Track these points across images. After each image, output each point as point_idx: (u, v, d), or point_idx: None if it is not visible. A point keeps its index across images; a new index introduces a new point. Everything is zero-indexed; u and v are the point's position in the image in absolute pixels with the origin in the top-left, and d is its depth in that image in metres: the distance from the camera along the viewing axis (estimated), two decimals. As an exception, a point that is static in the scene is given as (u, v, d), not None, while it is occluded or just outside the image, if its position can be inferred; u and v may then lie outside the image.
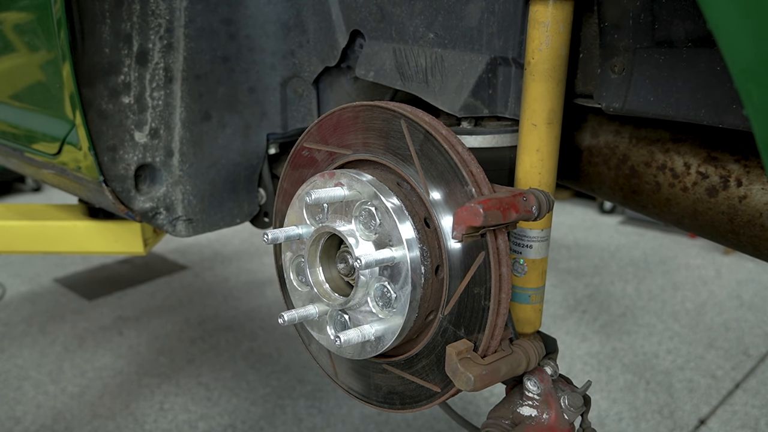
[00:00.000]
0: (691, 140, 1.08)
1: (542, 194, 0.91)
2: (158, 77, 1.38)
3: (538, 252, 1.08)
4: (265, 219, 1.62)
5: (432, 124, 0.93)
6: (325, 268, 1.05)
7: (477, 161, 0.91)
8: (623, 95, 1.01)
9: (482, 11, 1.09)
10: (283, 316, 1.02)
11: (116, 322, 3.93)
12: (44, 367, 3.41)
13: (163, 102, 1.40)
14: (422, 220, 0.93)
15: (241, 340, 3.72)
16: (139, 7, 1.32)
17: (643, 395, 3.15)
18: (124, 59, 1.36)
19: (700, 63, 0.91)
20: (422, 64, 1.20)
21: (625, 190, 1.19)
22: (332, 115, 1.05)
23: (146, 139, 1.41)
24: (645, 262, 4.86)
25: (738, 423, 2.95)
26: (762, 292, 4.29)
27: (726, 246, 1.17)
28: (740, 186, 1.02)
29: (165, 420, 2.98)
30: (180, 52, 1.36)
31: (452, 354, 0.87)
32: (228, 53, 1.42)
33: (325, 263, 1.05)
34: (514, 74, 1.11)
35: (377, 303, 0.96)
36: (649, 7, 0.94)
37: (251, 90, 1.48)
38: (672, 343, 3.64)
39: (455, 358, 0.86)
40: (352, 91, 1.44)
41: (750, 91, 0.56)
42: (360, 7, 1.27)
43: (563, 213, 6.05)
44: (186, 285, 4.52)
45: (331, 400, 3.12)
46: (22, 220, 2.05)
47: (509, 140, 1.15)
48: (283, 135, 1.54)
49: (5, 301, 4.20)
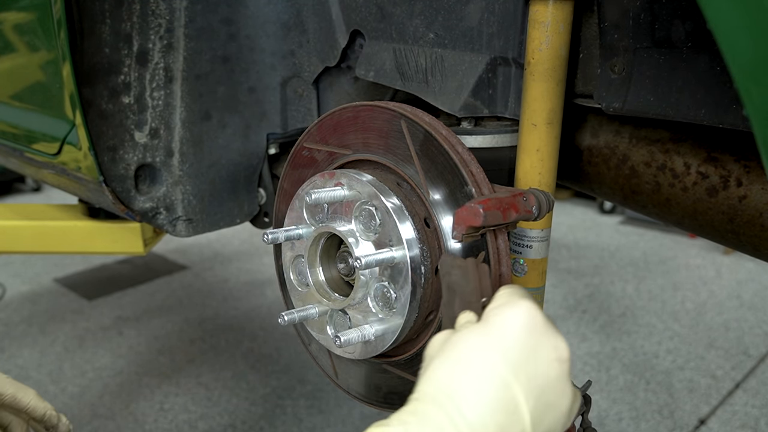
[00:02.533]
0: (691, 140, 1.08)
1: (542, 194, 0.91)
2: (158, 77, 1.38)
3: (538, 252, 1.08)
4: (265, 219, 1.62)
5: (432, 124, 0.93)
6: (325, 268, 1.05)
7: (477, 161, 0.91)
8: (623, 95, 1.01)
9: (482, 11, 1.08)
10: (283, 317, 1.02)
11: (116, 322, 3.93)
12: (44, 367, 3.41)
13: (163, 102, 1.40)
14: (422, 220, 0.93)
15: (241, 340, 3.72)
16: (139, 7, 1.32)
17: (643, 395, 3.15)
18: (124, 59, 1.36)
19: (700, 63, 0.91)
20: (422, 64, 1.20)
21: (625, 190, 1.19)
22: (332, 115, 1.05)
23: (146, 139, 1.41)
24: (645, 262, 4.86)
25: (738, 423, 2.95)
26: (762, 292, 4.29)
27: (726, 246, 1.17)
28: (740, 186, 1.02)
29: (165, 420, 2.98)
30: (180, 52, 1.36)
31: (452, 354, 0.86)
32: (228, 53, 1.42)
33: (325, 263, 1.05)
34: (514, 74, 1.11)
35: (377, 303, 0.96)
36: (649, 7, 0.94)
37: (251, 90, 1.48)
38: (672, 343, 3.64)
39: (455, 358, 0.85)
40: (352, 91, 1.44)
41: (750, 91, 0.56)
42: (360, 7, 1.27)
43: (563, 213, 6.05)
44: (186, 285, 4.52)
45: (331, 400, 3.12)
46: (22, 220, 2.05)
47: (509, 140, 1.15)
48: (283, 135, 1.54)
49: (5, 301, 4.20)
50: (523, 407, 0.60)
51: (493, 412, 0.59)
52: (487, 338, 0.64)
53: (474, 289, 0.75)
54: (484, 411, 0.58)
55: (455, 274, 0.77)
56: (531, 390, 0.61)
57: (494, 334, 0.64)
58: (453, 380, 0.60)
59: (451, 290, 0.77)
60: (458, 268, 0.77)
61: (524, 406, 0.60)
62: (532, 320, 0.65)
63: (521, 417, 0.60)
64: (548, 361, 0.64)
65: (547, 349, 0.64)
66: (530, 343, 0.63)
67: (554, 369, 0.64)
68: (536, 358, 0.63)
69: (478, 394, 0.59)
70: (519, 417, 0.60)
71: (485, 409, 0.58)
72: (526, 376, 0.61)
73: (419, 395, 0.62)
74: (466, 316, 0.72)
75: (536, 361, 0.63)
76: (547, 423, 0.62)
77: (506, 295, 0.70)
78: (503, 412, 0.59)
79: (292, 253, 1.08)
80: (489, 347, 0.62)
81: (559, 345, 0.65)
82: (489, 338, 0.64)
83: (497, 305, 0.68)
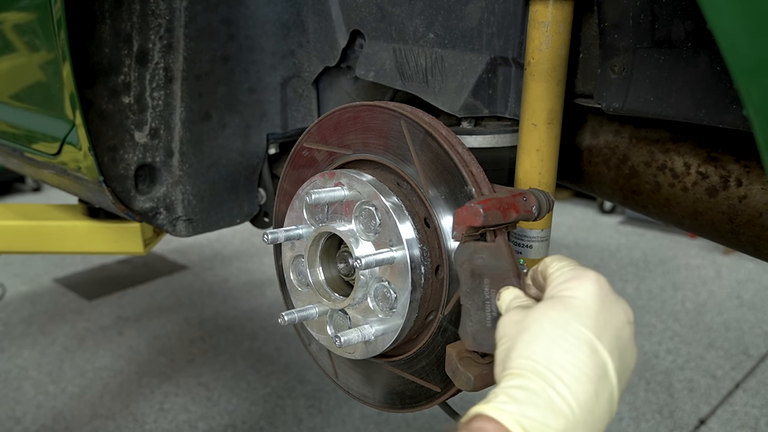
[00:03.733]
0: (691, 140, 1.08)
1: (542, 194, 0.91)
2: (158, 77, 1.38)
3: (538, 252, 1.08)
4: (265, 219, 1.61)
5: (432, 124, 0.93)
6: (325, 268, 1.05)
7: (477, 161, 0.91)
8: (623, 95, 1.01)
9: (482, 11, 1.08)
10: (283, 317, 1.02)
11: (116, 322, 3.93)
12: (44, 367, 3.41)
13: (163, 102, 1.40)
14: (422, 220, 0.93)
15: (241, 340, 3.72)
16: (139, 7, 1.32)
17: (643, 395, 3.15)
18: (124, 59, 1.36)
19: (700, 63, 0.91)
20: (422, 64, 1.20)
21: (625, 190, 1.19)
22: (332, 115, 1.05)
23: (146, 139, 1.41)
24: (645, 262, 4.86)
25: (738, 423, 2.95)
26: (762, 292, 4.29)
27: (726, 246, 1.17)
28: (740, 186, 1.02)
29: (165, 420, 2.98)
30: (180, 52, 1.36)
31: (452, 354, 0.86)
32: (228, 53, 1.42)
33: (325, 263, 1.05)
34: (514, 74, 1.11)
35: (377, 303, 0.96)
36: (649, 7, 0.94)
37: (251, 90, 1.48)
38: (672, 343, 3.64)
39: (455, 358, 0.85)
40: (352, 91, 1.44)
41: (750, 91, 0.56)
42: (360, 7, 1.27)
43: (563, 213, 6.04)
44: (186, 285, 4.52)
45: (331, 400, 3.12)
46: (22, 220, 2.05)
47: (509, 140, 1.15)
48: (283, 135, 1.54)
49: (5, 301, 4.20)
50: (610, 369, 0.66)
51: (589, 378, 0.64)
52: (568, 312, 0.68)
53: (511, 265, 0.78)
54: (583, 378, 0.63)
55: (481, 258, 0.79)
56: (614, 352, 0.67)
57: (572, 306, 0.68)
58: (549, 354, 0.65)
59: (477, 275, 0.79)
60: (486, 250, 0.78)
61: (611, 368, 0.66)
62: (603, 288, 0.70)
63: (610, 378, 0.65)
64: (622, 324, 0.69)
65: (620, 313, 0.70)
66: (606, 310, 0.69)
67: (627, 330, 0.70)
68: (613, 322, 0.68)
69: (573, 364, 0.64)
70: (608, 378, 0.65)
71: (583, 377, 0.63)
72: (609, 340, 0.67)
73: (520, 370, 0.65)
74: (512, 291, 0.77)
75: (614, 326, 0.68)
76: (624, 380, 0.68)
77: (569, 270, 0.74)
78: (597, 377, 0.64)
79: (292, 253, 1.08)
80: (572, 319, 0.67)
81: (626, 308, 0.71)
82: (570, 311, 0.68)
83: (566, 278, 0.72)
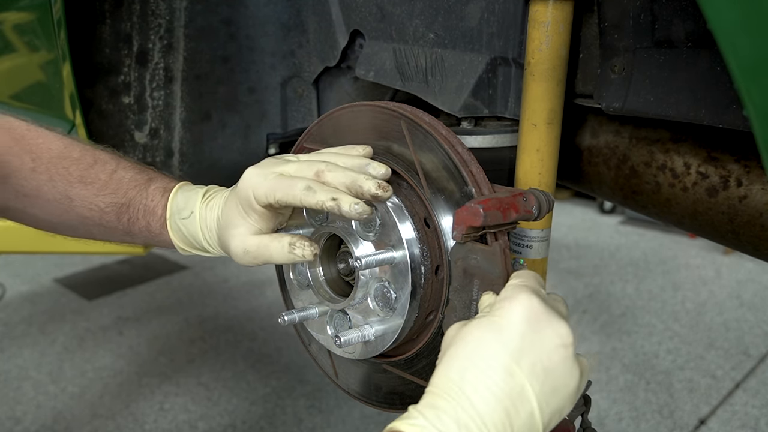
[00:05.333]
0: (691, 140, 1.08)
1: (542, 194, 0.91)
2: (158, 77, 1.38)
3: (538, 252, 1.08)
4: (265, 219, 1.61)
5: (432, 124, 0.93)
6: (325, 268, 1.05)
7: (477, 161, 0.91)
8: (623, 95, 1.01)
9: (482, 11, 1.09)
10: (283, 317, 1.02)
11: (116, 322, 3.93)
12: (44, 367, 3.41)
13: (163, 102, 1.40)
14: (422, 220, 0.93)
15: (241, 340, 3.72)
16: (139, 7, 1.32)
17: (643, 395, 3.15)
18: (124, 59, 1.36)
19: (700, 63, 0.91)
20: (422, 64, 1.20)
21: (625, 190, 1.19)
22: (332, 115, 1.05)
23: (146, 139, 1.42)
24: (645, 262, 4.86)
25: (738, 423, 2.95)
26: (762, 292, 4.29)
27: (726, 246, 1.17)
28: (740, 186, 1.02)
29: (165, 420, 2.98)
30: (180, 52, 1.36)
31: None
32: (228, 53, 1.42)
33: (325, 263, 1.05)
34: (514, 74, 1.11)
35: (377, 303, 0.96)
36: (649, 7, 0.94)
37: (251, 90, 1.48)
38: (672, 343, 3.64)
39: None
40: (352, 91, 1.44)
41: (750, 91, 0.56)
42: (360, 7, 1.27)
43: (563, 213, 6.04)
44: (186, 285, 4.52)
45: (331, 400, 3.12)
46: (22, 220, 2.05)
47: (509, 140, 1.15)
48: (283, 135, 1.55)
49: (5, 301, 4.20)
50: (528, 391, 0.65)
51: (499, 399, 0.64)
52: (490, 332, 0.69)
53: (502, 272, 0.78)
54: (491, 399, 0.64)
55: (475, 259, 0.80)
56: (535, 375, 0.66)
57: (496, 327, 0.69)
58: (462, 373, 0.66)
59: (468, 274, 0.80)
60: (481, 252, 0.79)
61: (530, 391, 0.65)
62: (532, 311, 0.69)
63: (527, 400, 0.65)
64: (551, 347, 0.68)
65: (550, 337, 0.69)
66: (531, 333, 0.68)
67: (558, 354, 0.68)
68: (540, 345, 0.68)
69: (484, 384, 0.65)
70: (525, 400, 0.65)
71: (492, 398, 0.64)
72: (529, 363, 0.66)
73: (435, 389, 0.67)
74: (489, 297, 0.78)
75: (540, 349, 0.68)
76: (554, 403, 0.68)
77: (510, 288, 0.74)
78: (509, 398, 0.65)
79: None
80: (492, 339, 0.68)
81: (561, 331, 0.69)
82: (492, 332, 0.69)
83: (501, 298, 0.73)
